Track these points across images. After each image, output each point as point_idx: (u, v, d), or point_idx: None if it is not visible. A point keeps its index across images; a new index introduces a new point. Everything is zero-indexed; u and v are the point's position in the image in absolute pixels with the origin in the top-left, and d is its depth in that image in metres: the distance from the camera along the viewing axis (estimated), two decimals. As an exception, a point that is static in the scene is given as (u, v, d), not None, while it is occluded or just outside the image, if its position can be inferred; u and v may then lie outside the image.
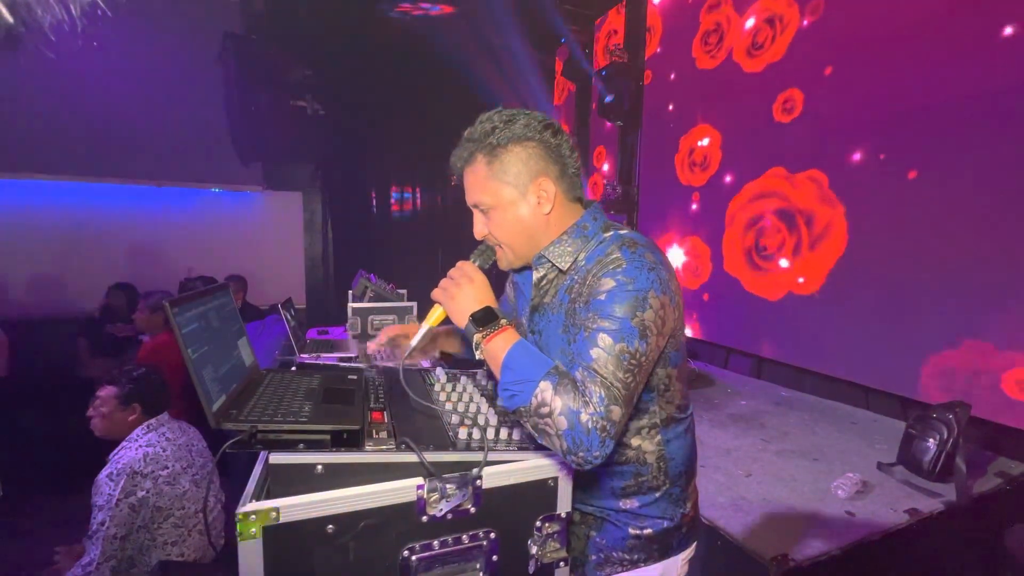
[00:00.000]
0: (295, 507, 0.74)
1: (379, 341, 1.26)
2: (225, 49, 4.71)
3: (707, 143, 4.02)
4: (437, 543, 0.83)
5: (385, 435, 0.86)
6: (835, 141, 3.03)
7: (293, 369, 1.29)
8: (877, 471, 2.21)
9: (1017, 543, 2.02)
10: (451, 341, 1.33)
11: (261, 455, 0.85)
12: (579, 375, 0.83)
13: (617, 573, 1.03)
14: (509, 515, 0.88)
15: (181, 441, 1.94)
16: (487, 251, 1.06)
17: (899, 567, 1.85)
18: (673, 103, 4.43)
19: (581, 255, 0.99)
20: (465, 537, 0.85)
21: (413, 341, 1.05)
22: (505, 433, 0.92)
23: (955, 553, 1.96)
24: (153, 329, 3.20)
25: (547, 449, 0.90)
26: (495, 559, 0.87)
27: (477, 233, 1.05)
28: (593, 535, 1.07)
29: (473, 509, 0.85)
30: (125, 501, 1.71)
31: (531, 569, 0.90)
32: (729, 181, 3.82)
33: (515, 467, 0.87)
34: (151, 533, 1.79)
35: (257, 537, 0.72)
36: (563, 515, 0.92)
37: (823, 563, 1.66)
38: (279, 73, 4.88)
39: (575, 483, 1.05)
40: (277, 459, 0.78)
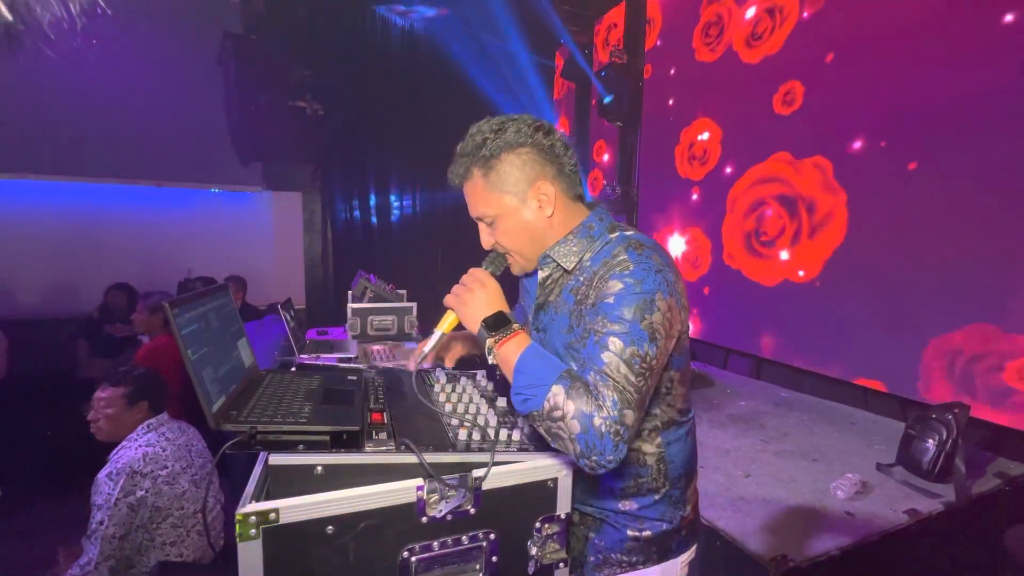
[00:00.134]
0: (295, 508, 0.74)
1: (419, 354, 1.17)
2: (225, 49, 4.71)
3: (707, 137, 4.03)
4: (437, 544, 0.83)
5: (385, 436, 0.86)
6: (836, 129, 3.03)
7: (293, 370, 1.29)
8: (876, 472, 2.22)
9: (1016, 543, 2.02)
10: (472, 347, 1.29)
11: (261, 456, 0.85)
12: (591, 379, 0.83)
13: (616, 575, 1.03)
14: (509, 516, 0.88)
15: (180, 441, 1.94)
16: (498, 258, 1.06)
17: (898, 568, 1.85)
18: (673, 96, 4.42)
19: (586, 255, 0.99)
20: (465, 538, 0.85)
21: (427, 347, 1.06)
22: (505, 434, 0.92)
23: (954, 553, 1.96)
24: (151, 330, 3.19)
25: (546, 450, 0.90)
26: (495, 560, 0.87)
27: (485, 244, 1.06)
28: (592, 536, 1.07)
29: (473, 510, 0.85)
30: (124, 501, 1.71)
31: (531, 570, 0.91)
32: (730, 172, 3.83)
33: (515, 468, 0.87)
34: (150, 533, 1.78)
35: (257, 538, 0.72)
36: (562, 516, 0.92)
37: (822, 564, 1.66)
38: (279, 73, 4.88)
39: (574, 483, 1.06)
40: (277, 460, 0.78)
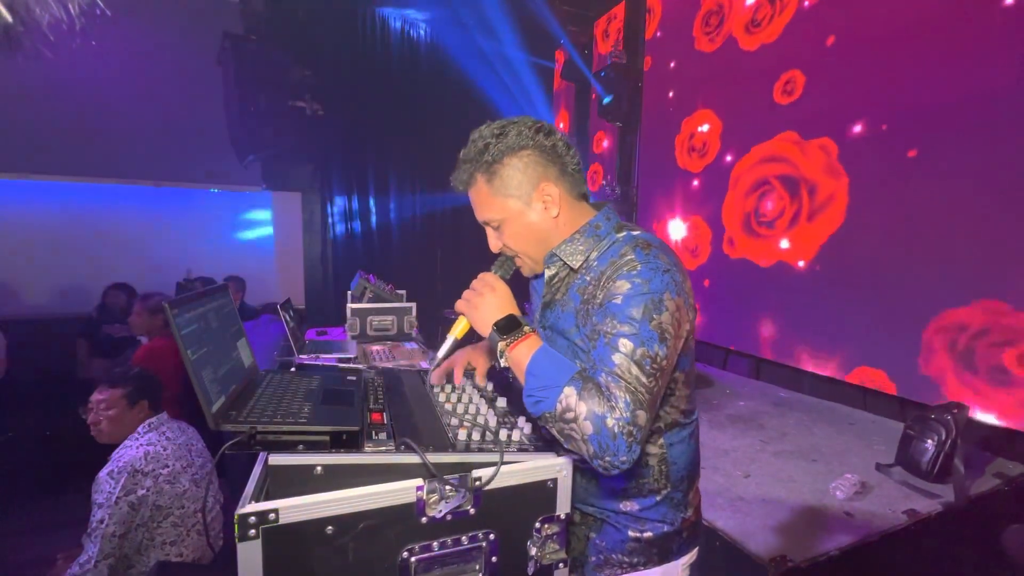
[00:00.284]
0: (294, 508, 0.74)
1: (440, 375, 1.18)
2: (225, 49, 4.70)
3: (707, 129, 4.03)
4: (436, 544, 0.83)
5: (384, 436, 0.86)
6: (838, 112, 3.03)
7: (292, 370, 1.29)
8: (875, 472, 2.22)
9: (1013, 543, 2.02)
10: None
11: (260, 456, 0.85)
12: (603, 380, 0.83)
13: (616, 575, 1.03)
14: (508, 516, 0.88)
15: (181, 440, 1.94)
16: (507, 261, 1.07)
17: (898, 568, 1.85)
18: (673, 87, 4.42)
19: (593, 254, 0.99)
20: (464, 538, 0.85)
21: (440, 352, 1.06)
22: (504, 435, 0.92)
23: (953, 554, 1.96)
24: (150, 331, 3.18)
25: (546, 451, 0.90)
26: (494, 560, 0.87)
27: (493, 247, 1.06)
28: (593, 536, 1.07)
29: (472, 510, 0.85)
30: (125, 499, 1.71)
31: (530, 570, 0.90)
32: (734, 152, 3.83)
33: (515, 468, 0.87)
34: (150, 532, 1.78)
35: (256, 538, 0.72)
36: (562, 516, 0.92)
37: (821, 564, 1.66)
38: (279, 73, 4.87)
39: (576, 483, 1.05)
40: (276, 460, 0.78)
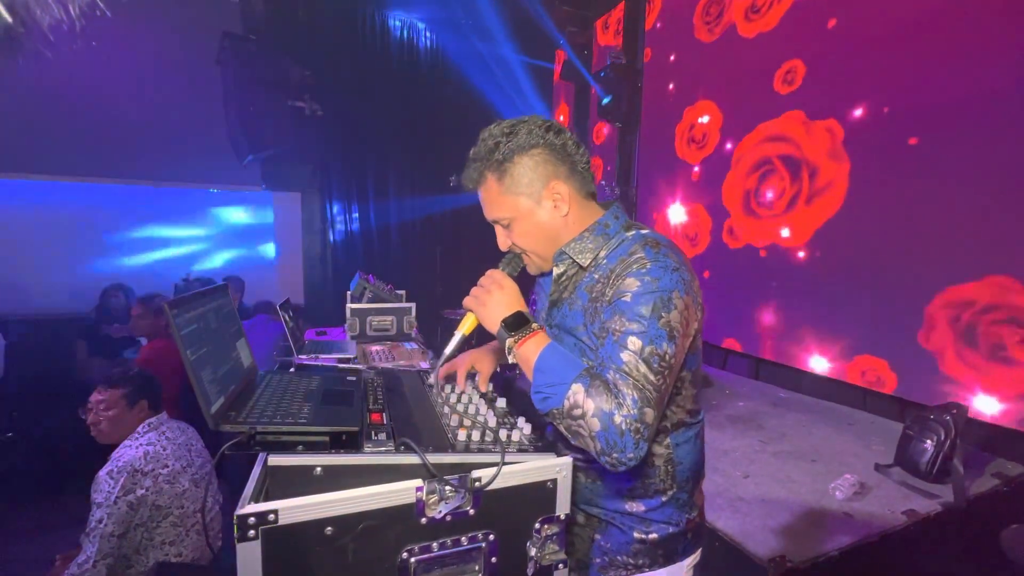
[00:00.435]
0: (294, 509, 0.74)
1: (446, 373, 1.18)
2: (224, 49, 4.70)
3: (707, 120, 4.02)
4: (436, 545, 0.83)
5: (384, 437, 0.86)
6: (840, 97, 3.02)
7: (292, 370, 1.29)
8: (875, 472, 2.22)
9: (1012, 544, 2.02)
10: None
11: (260, 457, 0.85)
12: (611, 377, 0.83)
13: None
14: (508, 517, 0.88)
15: (180, 440, 1.94)
16: (515, 259, 1.07)
17: (897, 568, 1.85)
18: (673, 80, 4.41)
19: (602, 252, 1.00)
20: (464, 539, 0.85)
21: (448, 349, 1.06)
22: (504, 435, 0.92)
23: (953, 554, 1.96)
24: (153, 332, 3.18)
25: (546, 451, 0.90)
26: (494, 561, 0.87)
27: (502, 245, 1.06)
28: (597, 538, 1.07)
29: (472, 511, 0.84)
30: (124, 499, 1.70)
31: (530, 571, 0.90)
32: (730, 147, 3.82)
33: (514, 469, 0.87)
34: (149, 532, 1.78)
35: (256, 539, 0.72)
36: (562, 517, 0.91)
37: (821, 564, 1.66)
38: (278, 73, 4.86)
39: (581, 484, 1.05)
40: (276, 461, 0.78)
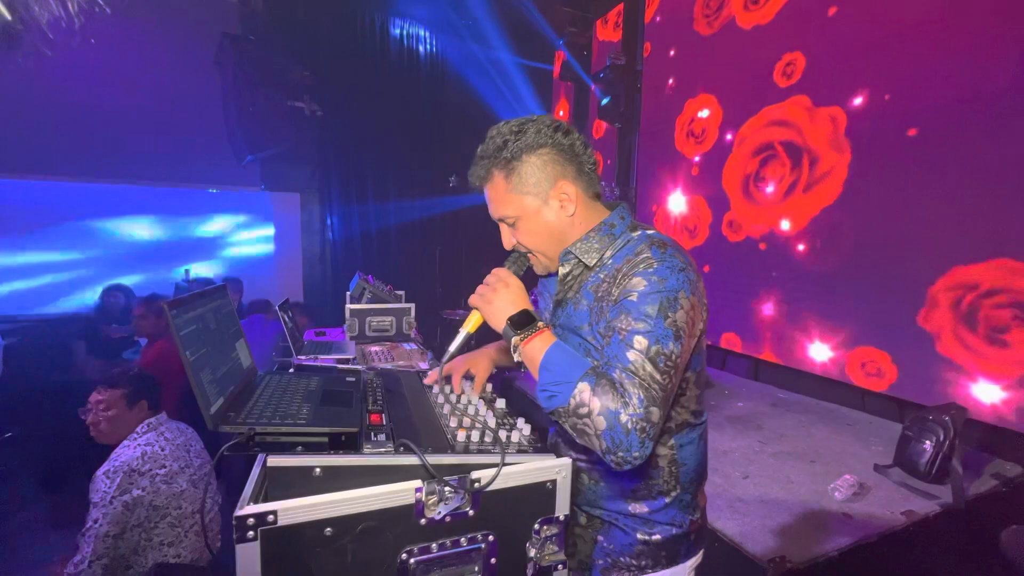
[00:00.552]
0: (293, 510, 0.74)
1: (441, 374, 1.16)
2: (224, 49, 4.70)
3: (707, 115, 4.04)
4: (435, 546, 0.83)
5: (383, 438, 0.86)
6: (841, 85, 3.02)
7: (291, 371, 1.29)
8: (874, 473, 2.22)
9: (1010, 544, 2.02)
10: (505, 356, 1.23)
11: (259, 457, 0.84)
12: (617, 376, 0.83)
13: None
14: (508, 518, 0.87)
15: (179, 441, 1.94)
16: (520, 258, 1.06)
17: (896, 569, 1.85)
18: (673, 74, 4.41)
19: (607, 252, 0.99)
20: (464, 540, 0.85)
21: (452, 347, 1.06)
22: (504, 436, 0.91)
23: (951, 554, 1.96)
24: (155, 333, 3.17)
25: (546, 452, 0.90)
26: (493, 562, 0.87)
27: (506, 244, 1.06)
28: (600, 539, 1.06)
29: (471, 512, 0.84)
30: (119, 499, 1.70)
31: (530, 572, 0.90)
32: (729, 140, 3.83)
33: (514, 470, 0.87)
34: (147, 533, 1.78)
35: (255, 540, 0.72)
36: (561, 518, 0.91)
37: (820, 565, 1.66)
38: (278, 74, 4.87)
39: (584, 485, 1.05)
40: (275, 461, 0.77)
